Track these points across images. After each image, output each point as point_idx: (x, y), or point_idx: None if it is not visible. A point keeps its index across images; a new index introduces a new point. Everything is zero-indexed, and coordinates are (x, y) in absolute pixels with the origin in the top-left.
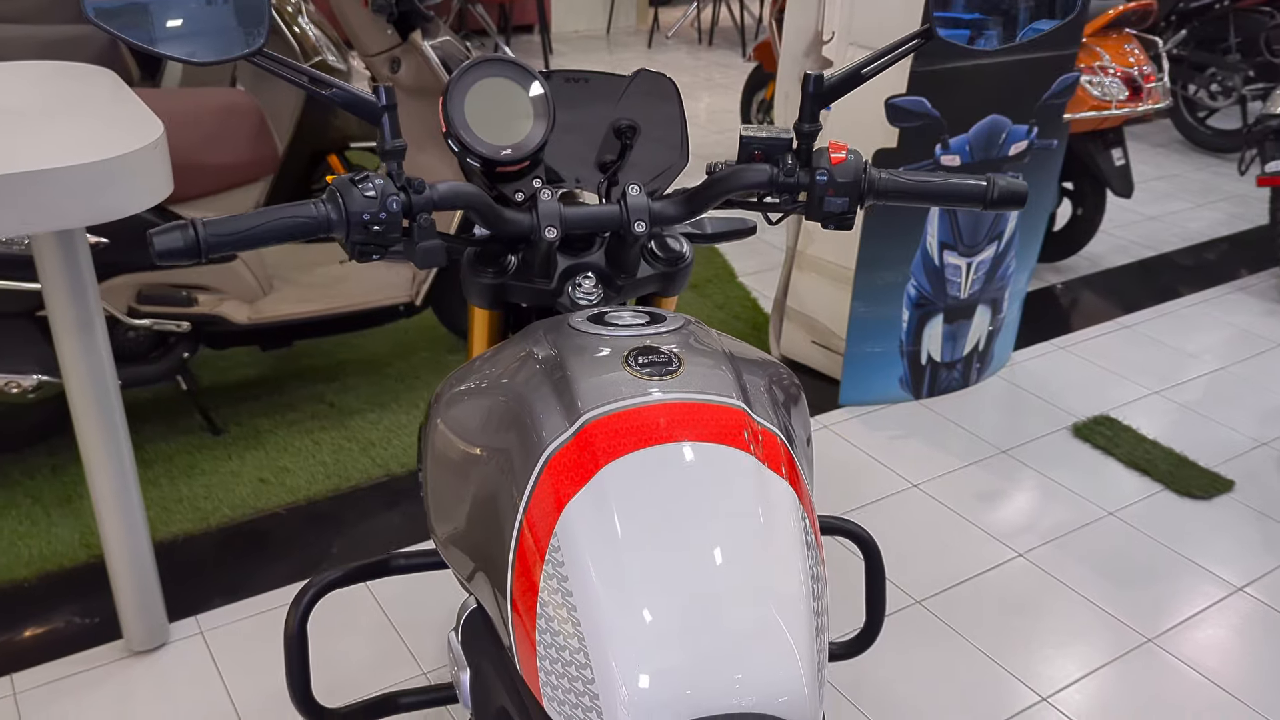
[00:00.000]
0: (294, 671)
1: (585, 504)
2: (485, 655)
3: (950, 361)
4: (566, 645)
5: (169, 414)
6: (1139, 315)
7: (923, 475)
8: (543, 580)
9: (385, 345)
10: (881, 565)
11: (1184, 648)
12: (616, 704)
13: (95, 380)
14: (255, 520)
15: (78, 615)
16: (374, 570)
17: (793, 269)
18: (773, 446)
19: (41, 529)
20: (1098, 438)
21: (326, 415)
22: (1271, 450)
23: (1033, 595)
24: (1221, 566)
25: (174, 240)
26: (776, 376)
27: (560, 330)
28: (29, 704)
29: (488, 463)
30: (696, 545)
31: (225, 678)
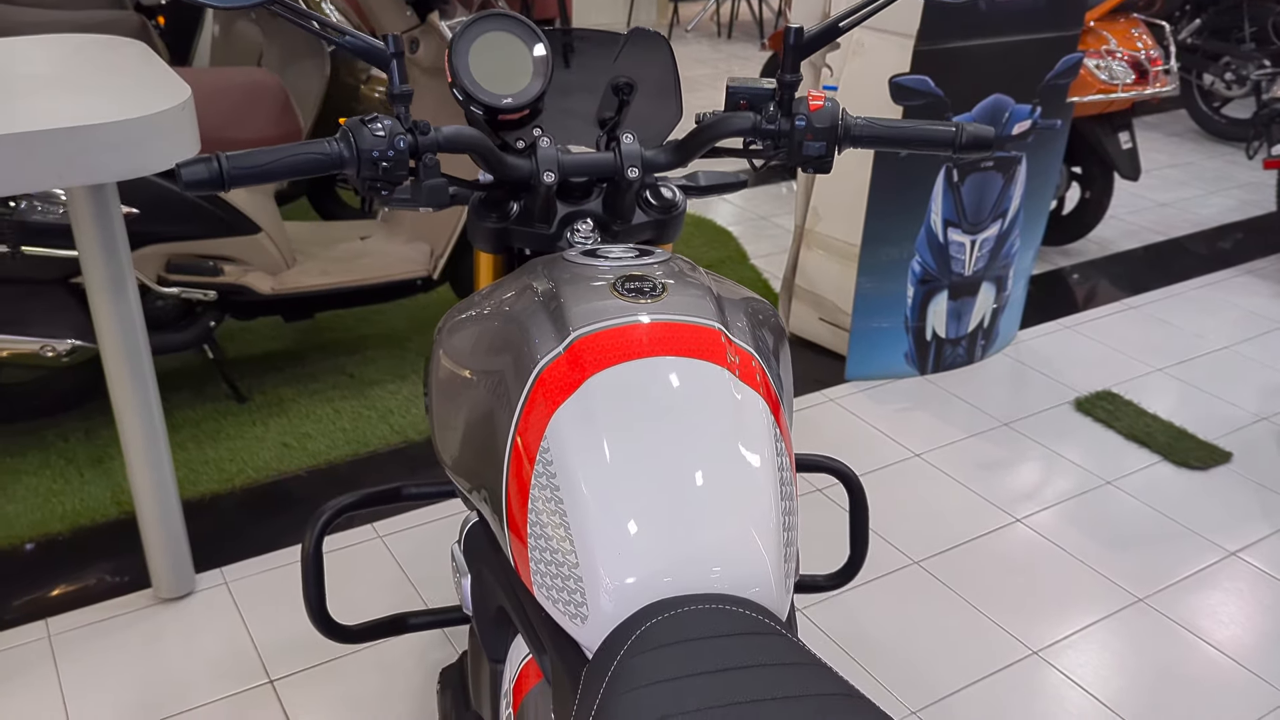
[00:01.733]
0: (311, 591)
1: (573, 410)
2: (484, 562)
3: (955, 338)
4: (554, 536)
5: (196, 382)
6: (1146, 296)
7: (925, 445)
8: (534, 481)
9: (404, 320)
10: (865, 501)
11: (1175, 607)
12: (599, 587)
13: (127, 335)
14: (278, 482)
15: (108, 566)
16: (385, 497)
17: (801, 247)
18: (748, 364)
19: (74, 487)
20: (1099, 411)
21: (347, 385)
22: (1271, 425)
23: (1028, 558)
24: (1215, 533)
25: (199, 172)
26: (756, 308)
27: (555, 263)
28: (62, 645)
29: (486, 381)
30: (674, 447)
31: (248, 623)
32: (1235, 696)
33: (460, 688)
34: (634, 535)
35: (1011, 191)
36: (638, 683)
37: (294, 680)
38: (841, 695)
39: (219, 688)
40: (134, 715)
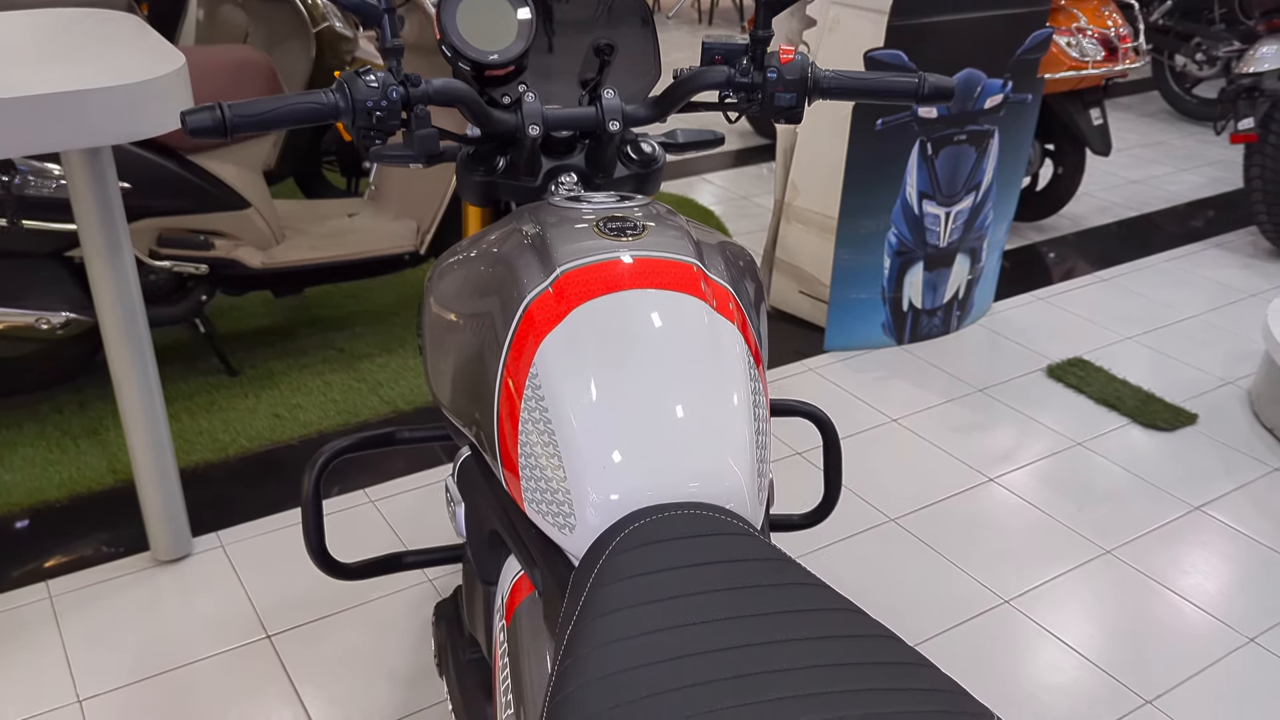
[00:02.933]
0: (310, 531)
1: (559, 338)
2: (477, 491)
3: (931, 308)
4: (543, 455)
5: (187, 357)
6: (1117, 269)
7: (902, 411)
8: (523, 406)
9: (391, 297)
10: (838, 443)
11: (1141, 558)
12: (585, 500)
13: (124, 300)
14: (271, 451)
15: (106, 531)
16: (380, 441)
17: (780, 221)
18: (724, 298)
19: (70, 457)
20: (1070, 377)
21: (336, 360)
22: (1236, 389)
23: (1000, 514)
24: (1181, 489)
25: (203, 119)
26: (732, 249)
27: (541, 208)
28: (64, 605)
29: (477, 318)
30: (655, 371)
31: (245, 583)
32: (1198, 640)
33: (454, 618)
34: (617, 451)
35: (984, 165)
36: (620, 576)
37: (291, 635)
38: (811, 585)
39: (218, 643)
40: (135, 670)
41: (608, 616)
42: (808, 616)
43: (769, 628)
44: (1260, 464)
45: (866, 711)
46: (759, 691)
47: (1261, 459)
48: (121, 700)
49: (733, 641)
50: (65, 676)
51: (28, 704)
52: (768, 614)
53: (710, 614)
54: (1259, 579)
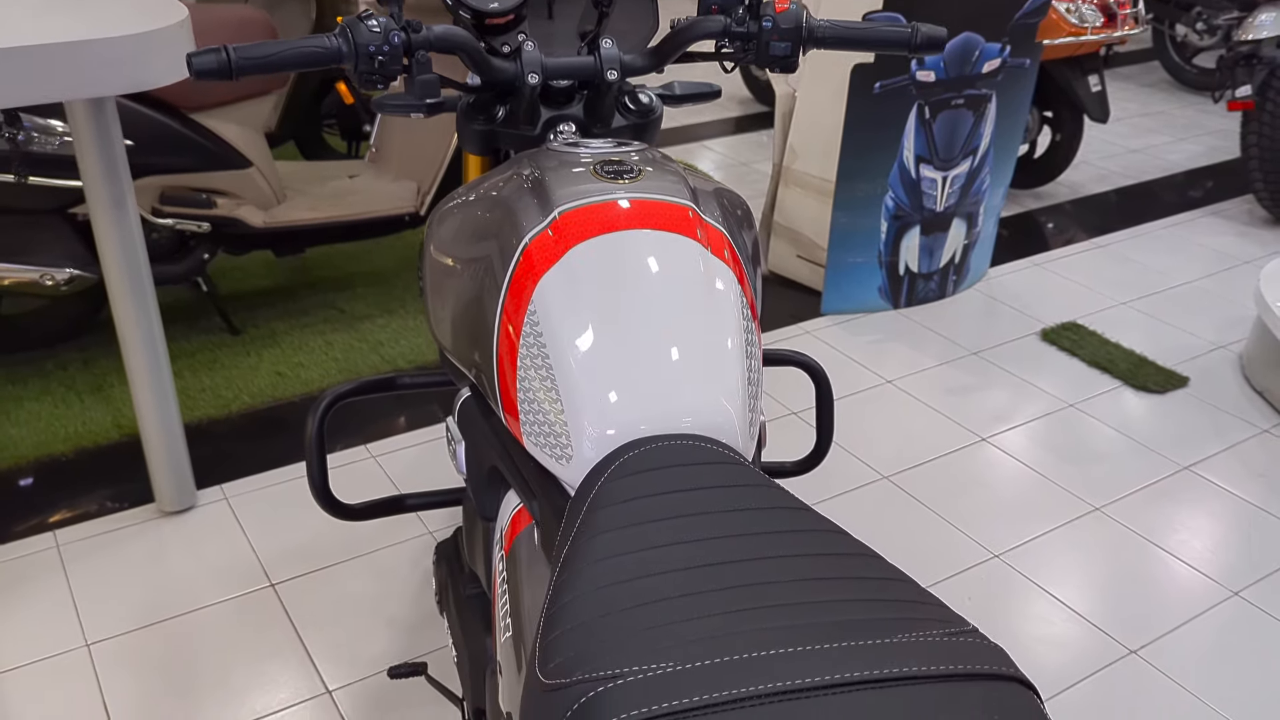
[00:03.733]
0: (314, 472)
1: (557, 276)
2: (476, 429)
3: (927, 273)
4: (541, 389)
5: (190, 316)
6: (1114, 236)
7: (897, 373)
8: (521, 342)
9: (391, 259)
10: (830, 392)
11: (1129, 515)
12: (582, 432)
13: (128, 252)
14: (273, 407)
15: (111, 483)
16: (381, 386)
17: (779, 185)
18: (717, 240)
19: (75, 412)
20: (1064, 341)
21: (338, 320)
22: (1228, 353)
23: (992, 473)
24: (1171, 449)
25: (209, 61)
26: (727, 195)
27: (540, 153)
28: (71, 554)
29: (476, 259)
30: (649, 308)
31: (249, 534)
32: (1183, 593)
33: (455, 557)
34: (612, 384)
35: (982, 129)
36: (614, 500)
37: (294, 584)
38: (798, 509)
39: (222, 591)
40: (141, 616)
41: (602, 536)
42: (794, 536)
43: (757, 545)
44: (1250, 425)
45: (849, 618)
46: (746, 601)
47: (1251, 421)
48: (128, 644)
49: (722, 557)
50: (73, 621)
51: (37, 647)
52: (756, 533)
53: (701, 533)
54: (1245, 536)
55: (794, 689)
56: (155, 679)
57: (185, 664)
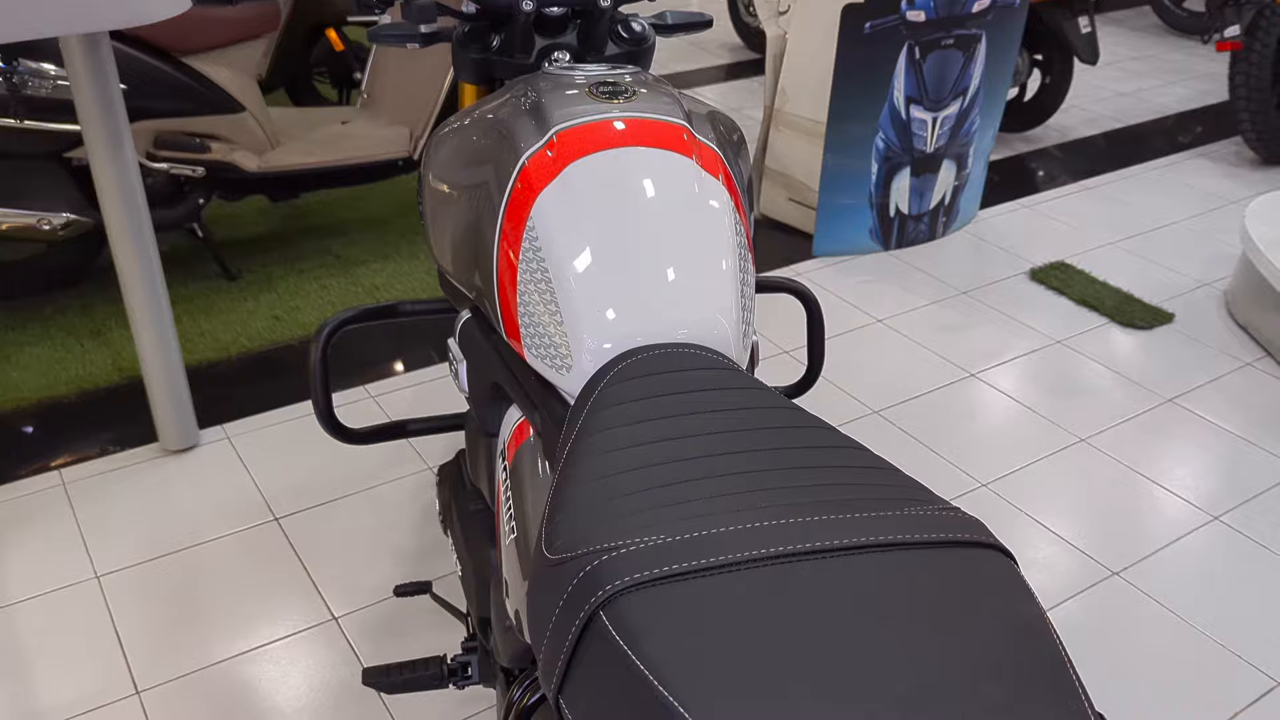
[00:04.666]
0: (318, 397)
1: (555, 192)
2: (477, 348)
3: (918, 214)
4: (541, 302)
5: (187, 262)
6: (1103, 178)
7: (888, 313)
8: (521, 258)
9: (386, 206)
10: (821, 318)
11: (1114, 446)
12: (581, 342)
13: (126, 191)
14: (271, 350)
15: (114, 424)
16: (383, 313)
17: (770, 128)
18: (710, 158)
19: (76, 356)
20: (1052, 280)
21: (333, 265)
22: (1213, 290)
23: (980, 407)
24: (1155, 383)
25: None
26: (719, 117)
27: (535, 77)
28: (77, 492)
29: (475, 180)
30: (645, 222)
31: (251, 471)
32: (1165, 518)
33: (457, 477)
34: (609, 296)
35: (971, 70)
36: (613, 402)
37: (297, 518)
38: (790, 408)
39: (228, 525)
40: (149, 549)
41: (601, 433)
42: (784, 432)
43: (748, 439)
44: (1233, 359)
45: (835, 497)
46: (737, 485)
47: (1234, 354)
48: (137, 575)
49: (714, 450)
50: (82, 555)
51: (49, 579)
52: (747, 429)
53: (695, 429)
54: (1226, 463)
55: (781, 554)
56: (165, 608)
57: (194, 594)
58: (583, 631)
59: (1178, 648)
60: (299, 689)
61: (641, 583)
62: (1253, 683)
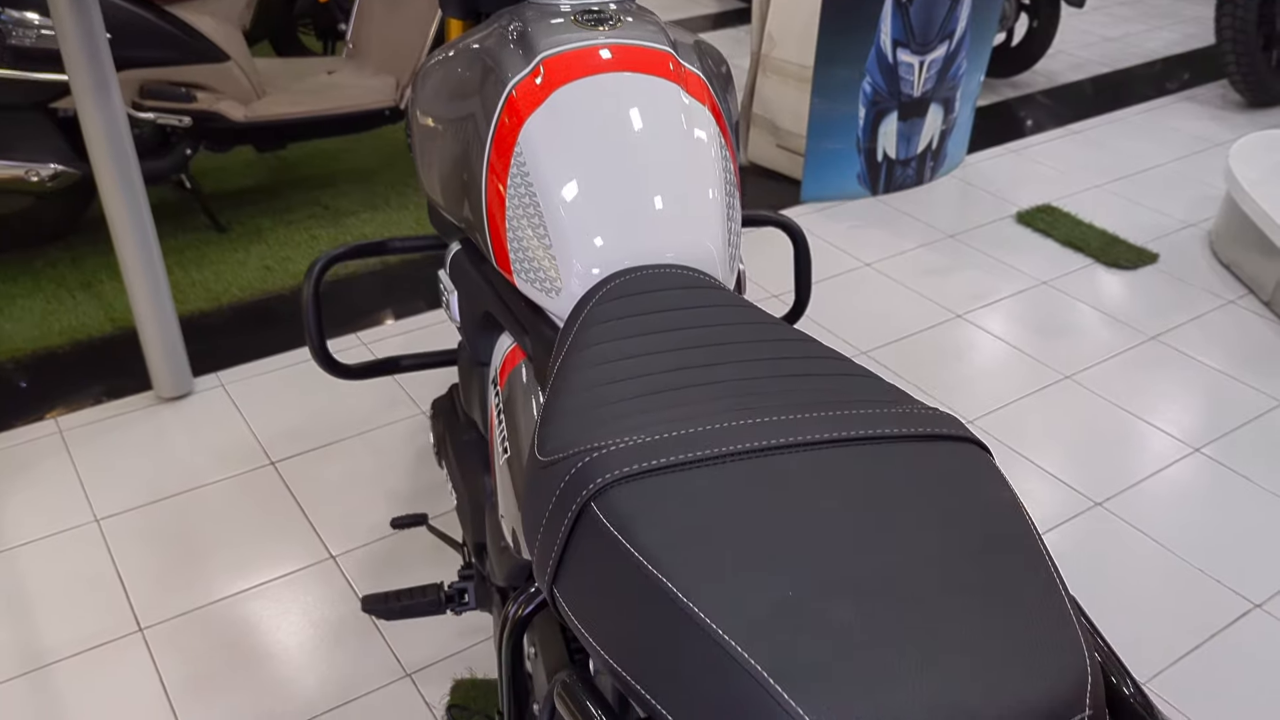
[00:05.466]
0: (312, 332)
1: (543, 117)
2: (468, 278)
3: (905, 159)
4: (530, 227)
5: (176, 214)
6: (1089, 122)
7: (876, 257)
8: (509, 183)
9: (375, 158)
10: (808, 251)
11: (1098, 382)
12: (570, 265)
13: (114, 138)
14: (263, 299)
15: (108, 373)
16: (373, 249)
17: (757, 74)
18: (696, 84)
19: (68, 308)
20: (1038, 222)
21: (322, 216)
22: (1197, 230)
23: (967, 347)
24: (1139, 321)
25: None
26: (705, 46)
27: (519, 8)
28: (74, 439)
29: (462, 109)
30: (632, 146)
31: (247, 417)
32: (1147, 451)
33: (451, 409)
34: (597, 218)
35: (958, 12)
36: (603, 319)
37: (293, 462)
38: (777, 324)
39: (225, 469)
40: (148, 493)
41: (591, 348)
42: (770, 344)
43: (734, 351)
44: (1215, 297)
45: (818, 398)
46: (723, 391)
47: (1217, 293)
48: (137, 518)
49: (705, 360)
50: (81, 499)
51: (49, 523)
52: (734, 342)
53: (685, 342)
54: (1208, 398)
55: (766, 448)
56: (165, 550)
57: (193, 536)
58: (575, 524)
59: (1158, 573)
60: (299, 625)
61: (631, 475)
62: (1230, 605)
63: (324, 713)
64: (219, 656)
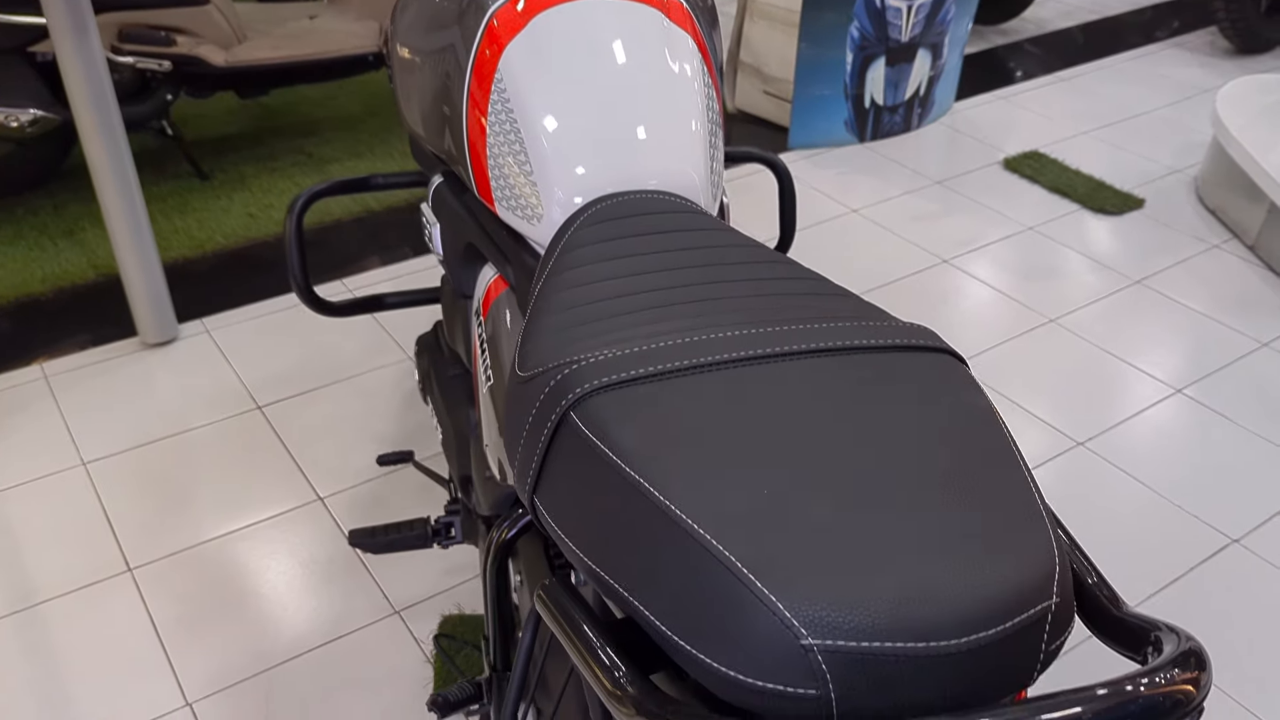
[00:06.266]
0: (295, 269)
1: (523, 43)
2: (450, 209)
3: (893, 105)
4: (511, 155)
5: (158, 162)
6: (1078, 69)
7: (863, 203)
8: (490, 110)
9: (358, 105)
10: (792, 186)
11: (1082, 325)
12: (551, 192)
13: (93, 82)
14: (247, 247)
15: (93, 320)
16: (356, 185)
17: (744, 20)
18: (679, 11)
19: (50, 255)
20: (1025, 169)
21: (306, 164)
22: (1183, 176)
23: (953, 291)
24: (1123, 265)
25: None
26: None
27: None
28: (59, 384)
29: (442, 38)
30: (614, 72)
31: (232, 363)
32: (1129, 392)
33: (435, 345)
34: (578, 144)
35: None
36: (584, 243)
37: (280, 406)
38: (757, 246)
39: (211, 414)
40: (135, 437)
41: (572, 270)
42: (750, 266)
43: (715, 272)
44: (1200, 242)
45: (797, 314)
46: (702, 309)
47: (1202, 238)
48: (124, 462)
49: (686, 281)
50: (68, 444)
51: (35, 466)
52: (714, 264)
53: (665, 264)
54: (1191, 340)
55: (742, 358)
56: (153, 492)
57: (180, 479)
58: (554, 433)
59: (1139, 510)
60: (288, 564)
61: (610, 385)
62: (1209, 540)
63: (313, 648)
64: (208, 595)
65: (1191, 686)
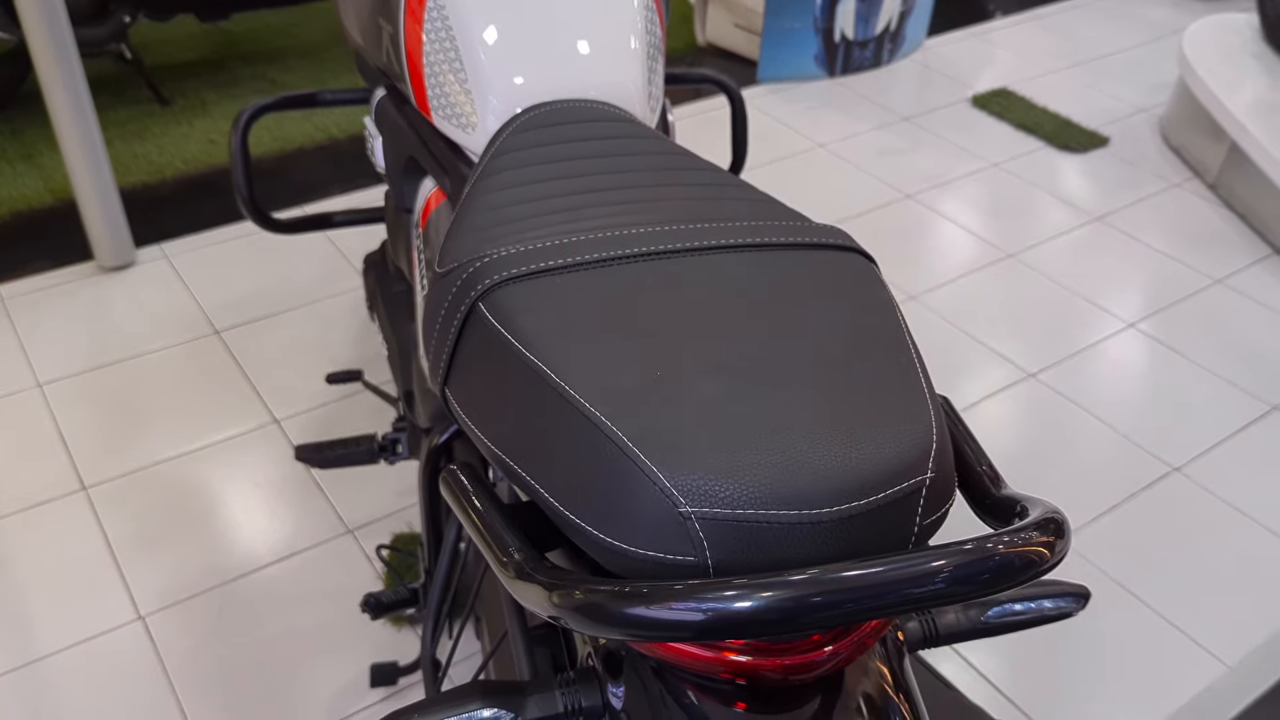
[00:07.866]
0: (240, 183)
1: None
2: (391, 122)
3: (863, 40)
4: (445, 60)
5: (116, 87)
6: (1052, 8)
7: (830, 138)
8: (426, 19)
9: (323, 34)
10: (743, 109)
11: (1040, 261)
12: (486, 101)
13: (45, 3)
14: (207, 173)
15: (50, 244)
16: (303, 101)
17: None
18: None
19: (7, 179)
20: (993, 106)
21: (269, 90)
22: (1149, 115)
23: (915, 226)
24: (1085, 203)
25: None
26: None
27: None
28: (16, 307)
29: None
30: None
31: (190, 287)
32: (1083, 324)
33: (381, 263)
34: (514, 51)
35: None
36: (515, 147)
37: (238, 331)
38: (684, 153)
39: (169, 338)
40: (90, 360)
41: (500, 174)
42: (680, 173)
43: (642, 178)
44: (1162, 180)
45: (715, 214)
46: (624, 211)
47: (1164, 176)
48: (80, 384)
49: (612, 184)
50: (24, 365)
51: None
52: (644, 170)
53: (592, 169)
54: (1147, 276)
55: (652, 252)
56: (108, 414)
57: (136, 401)
58: (464, 325)
59: (1083, 439)
60: (243, 485)
61: (519, 276)
62: (1150, 468)
63: (266, 565)
64: (162, 514)
65: (1046, 550)
